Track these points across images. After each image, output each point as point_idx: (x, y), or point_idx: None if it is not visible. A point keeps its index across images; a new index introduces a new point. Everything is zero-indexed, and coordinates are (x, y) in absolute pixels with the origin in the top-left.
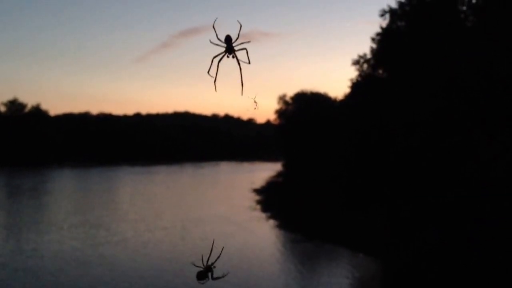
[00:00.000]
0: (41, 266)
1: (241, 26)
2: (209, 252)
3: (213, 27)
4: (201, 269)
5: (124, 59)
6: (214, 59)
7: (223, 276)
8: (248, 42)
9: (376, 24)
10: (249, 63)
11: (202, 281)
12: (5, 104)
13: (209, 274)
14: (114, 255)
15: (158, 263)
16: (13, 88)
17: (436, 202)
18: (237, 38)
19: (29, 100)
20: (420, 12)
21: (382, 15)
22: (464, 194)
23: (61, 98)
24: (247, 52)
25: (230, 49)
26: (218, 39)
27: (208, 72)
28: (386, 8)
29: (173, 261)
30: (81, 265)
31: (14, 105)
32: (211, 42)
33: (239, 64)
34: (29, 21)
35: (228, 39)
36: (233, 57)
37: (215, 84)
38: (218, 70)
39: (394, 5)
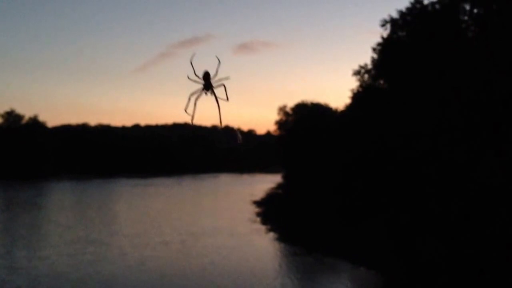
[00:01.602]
0: (35, 283)
1: (219, 62)
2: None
3: (191, 63)
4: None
5: (122, 69)
6: (191, 97)
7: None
8: (227, 78)
9: (377, 34)
10: (227, 100)
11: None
12: (2, 116)
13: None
14: (112, 271)
15: (157, 279)
16: (10, 99)
17: (437, 213)
18: (216, 74)
19: (26, 111)
20: (421, 22)
21: (383, 25)
22: (464, 204)
23: (59, 109)
24: (225, 88)
25: (208, 86)
26: (196, 75)
27: (185, 110)
28: (387, 18)
29: (173, 277)
30: (77, 282)
31: (11, 117)
32: (189, 78)
33: (217, 101)
34: (27, 32)
35: (206, 76)
36: (211, 94)
37: (192, 122)
38: (196, 107)
39: (395, 15)
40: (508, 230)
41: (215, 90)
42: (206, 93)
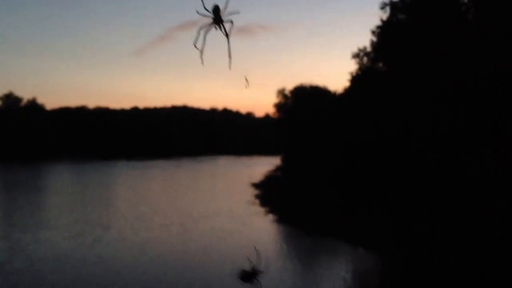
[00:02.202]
0: (34, 265)
1: None
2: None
3: None
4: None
5: (121, 52)
6: (201, 31)
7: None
8: (237, 12)
9: (376, 16)
10: (228, 39)
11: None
12: (1, 98)
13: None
14: (111, 254)
15: (157, 262)
16: (8, 82)
17: (437, 197)
18: (226, 8)
19: (25, 94)
20: (421, 5)
21: (382, 8)
22: (463, 188)
23: (58, 92)
24: (232, 24)
25: (218, 20)
26: (205, 8)
27: (194, 44)
28: (387, 1)
29: (173, 260)
30: (77, 264)
31: (10, 99)
32: (197, 12)
33: (227, 36)
34: (25, 14)
35: (216, 10)
36: (220, 29)
37: (201, 57)
38: (205, 42)
39: None
40: (506, 215)
41: (225, 25)
42: (216, 28)
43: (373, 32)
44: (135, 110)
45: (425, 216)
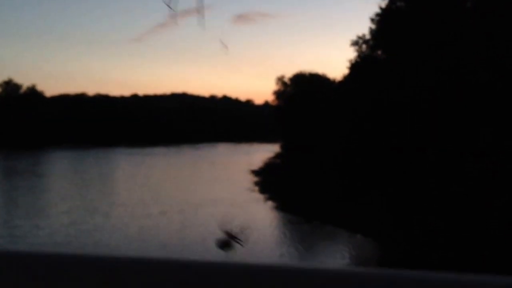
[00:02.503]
0: None
1: None
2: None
3: None
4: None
5: (121, 40)
6: None
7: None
8: None
9: (375, 4)
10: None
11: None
12: (0, 85)
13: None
14: (111, 241)
15: (156, 249)
16: (8, 69)
17: (436, 187)
18: None
19: (24, 81)
20: None
21: None
22: (463, 180)
23: (57, 79)
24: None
25: None
26: None
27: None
28: None
29: (172, 247)
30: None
31: (9, 86)
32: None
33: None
34: (24, 1)
35: None
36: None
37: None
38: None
39: None
40: (506, 206)
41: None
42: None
43: (372, 20)
44: (134, 97)
45: (425, 207)
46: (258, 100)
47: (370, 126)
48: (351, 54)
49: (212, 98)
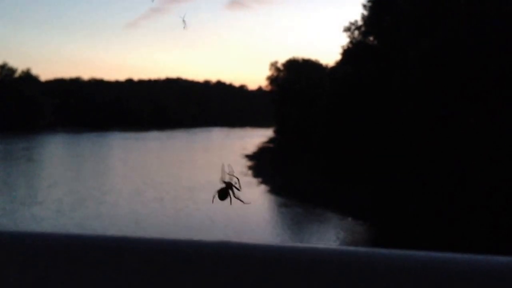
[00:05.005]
0: None
1: None
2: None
3: None
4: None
5: (115, 24)
6: None
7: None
8: None
9: None
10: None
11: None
12: None
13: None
14: (104, 229)
15: (151, 235)
16: (2, 53)
17: (428, 170)
18: None
19: (19, 65)
20: None
21: None
22: (455, 161)
23: (52, 63)
24: None
25: None
26: None
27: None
28: None
29: (167, 233)
30: None
31: (4, 70)
32: None
33: None
34: None
35: None
36: None
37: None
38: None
39: None
40: (496, 188)
41: None
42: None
43: (364, 6)
44: (129, 82)
45: (414, 189)
46: (252, 86)
47: (361, 111)
48: (344, 40)
49: (206, 83)
